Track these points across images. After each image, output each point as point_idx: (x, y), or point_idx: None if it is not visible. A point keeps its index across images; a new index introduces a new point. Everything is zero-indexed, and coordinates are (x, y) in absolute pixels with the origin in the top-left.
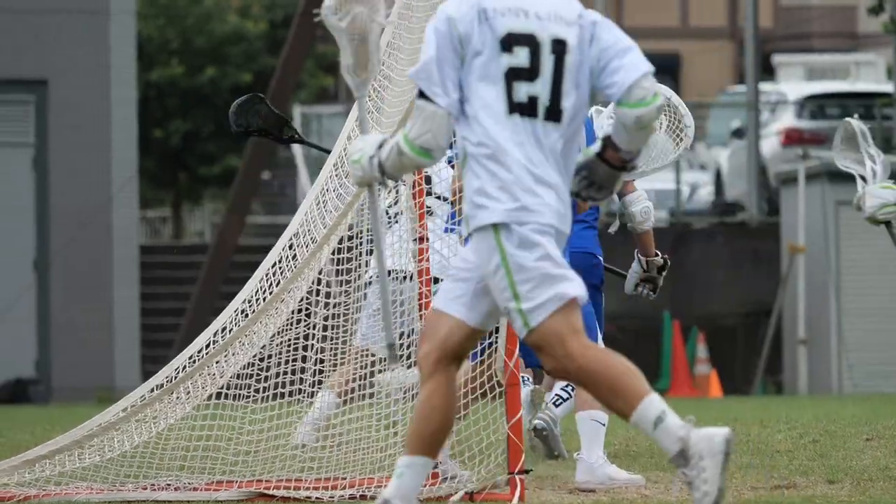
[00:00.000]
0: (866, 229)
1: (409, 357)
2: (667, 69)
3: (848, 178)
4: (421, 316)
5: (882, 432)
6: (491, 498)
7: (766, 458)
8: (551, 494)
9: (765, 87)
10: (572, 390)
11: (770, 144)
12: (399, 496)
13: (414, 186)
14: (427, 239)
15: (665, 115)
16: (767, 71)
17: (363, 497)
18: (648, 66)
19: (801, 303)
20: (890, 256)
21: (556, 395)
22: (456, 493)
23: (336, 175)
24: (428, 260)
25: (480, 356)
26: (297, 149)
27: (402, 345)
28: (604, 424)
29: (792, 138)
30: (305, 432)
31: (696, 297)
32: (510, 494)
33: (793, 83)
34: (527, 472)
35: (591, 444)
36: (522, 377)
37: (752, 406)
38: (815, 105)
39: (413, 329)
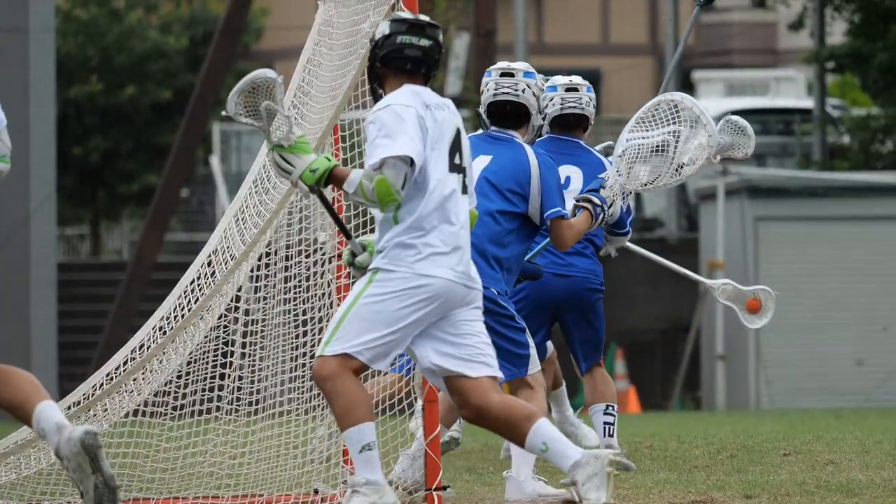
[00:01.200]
0: (784, 245)
1: None
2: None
3: (767, 194)
4: None
5: (799, 447)
6: None
7: (683, 474)
8: None
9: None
10: None
11: None
12: None
13: (333, 203)
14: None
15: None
16: (688, 87)
17: None
18: None
19: (719, 319)
20: (809, 272)
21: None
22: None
23: (255, 192)
24: (347, 276)
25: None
26: (215, 165)
27: None
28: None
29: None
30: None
31: (614, 313)
32: None
33: (713, 99)
34: (444, 488)
35: (521, 461)
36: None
37: (669, 422)
38: None
39: None
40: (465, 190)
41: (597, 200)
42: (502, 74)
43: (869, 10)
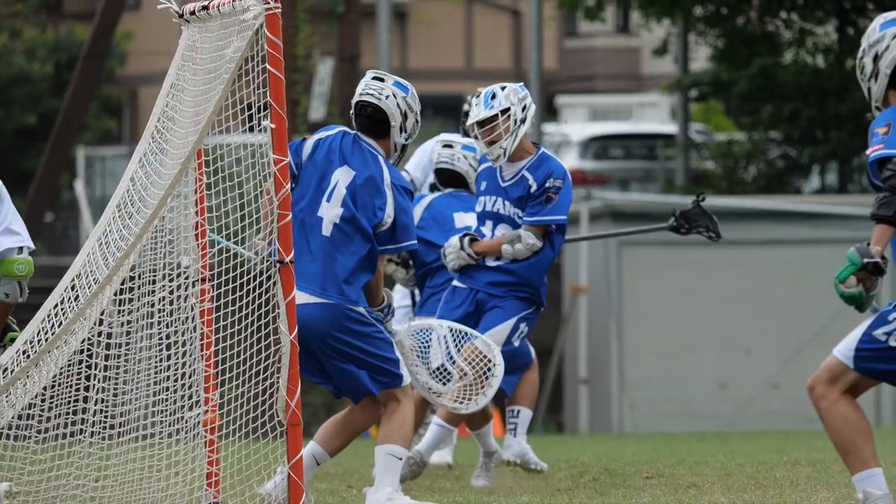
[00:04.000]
0: (648, 270)
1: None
2: (450, 111)
3: (630, 219)
4: (203, 356)
5: (661, 470)
6: None
7: (546, 497)
8: None
9: (548, 128)
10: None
11: None
12: None
13: (196, 227)
14: (208, 279)
15: None
16: (551, 112)
17: None
18: None
19: (582, 343)
20: (672, 296)
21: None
22: None
23: (119, 216)
24: (211, 300)
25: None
26: (79, 190)
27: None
28: (400, 458)
29: (575, 179)
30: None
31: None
32: None
33: (577, 124)
34: None
35: (383, 477)
36: None
37: (533, 445)
38: (599, 146)
39: (194, 369)
40: None
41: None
42: (373, 78)
43: (732, 37)
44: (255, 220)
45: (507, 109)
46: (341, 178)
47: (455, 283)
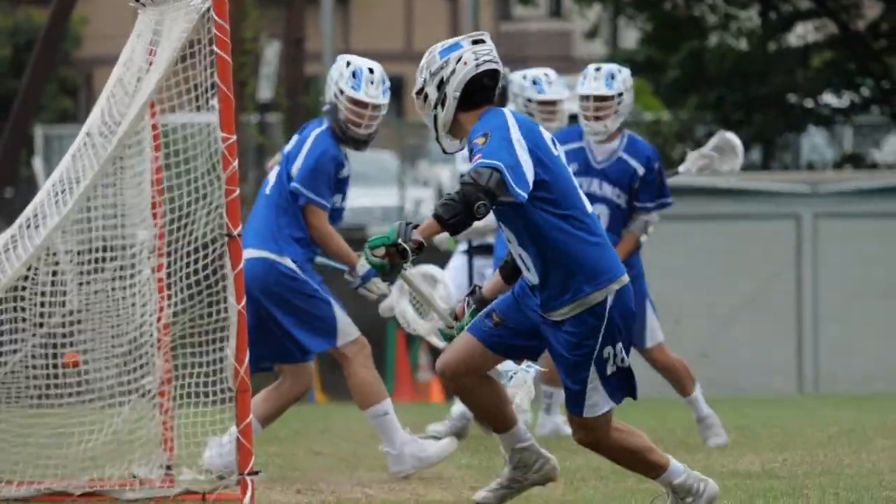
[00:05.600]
0: None
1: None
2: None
3: None
4: (158, 326)
5: None
6: (223, 498)
7: (485, 460)
8: (280, 495)
9: None
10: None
11: None
12: None
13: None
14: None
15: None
16: None
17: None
18: None
19: None
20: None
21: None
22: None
23: (54, 193)
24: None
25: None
26: (37, 167)
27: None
28: (387, 413)
29: None
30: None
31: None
32: (241, 495)
33: (511, 104)
34: (256, 473)
35: (387, 436)
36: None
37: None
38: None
39: (150, 338)
40: None
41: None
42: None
43: (660, 20)
44: (203, 196)
45: (621, 94)
46: None
47: None
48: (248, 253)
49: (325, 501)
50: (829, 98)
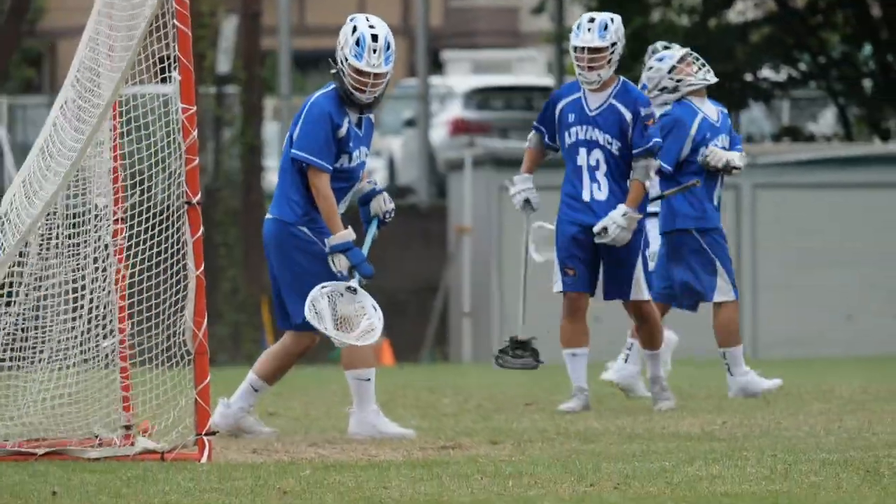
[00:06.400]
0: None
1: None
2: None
3: (510, 165)
4: (117, 290)
5: (540, 397)
6: (181, 457)
7: (434, 421)
8: (236, 454)
9: (434, 80)
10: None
11: (439, 133)
12: None
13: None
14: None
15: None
16: (437, 66)
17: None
18: None
19: (466, 279)
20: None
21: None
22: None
23: (41, 158)
24: (124, 238)
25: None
26: (2, 136)
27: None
28: (369, 379)
29: (459, 128)
30: None
31: None
32: (198, 454)
33: (460, 77)
34: (213, 433)
35: (360, 399)
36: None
37: (421, 374)
38: (481, 97)
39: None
40: None
41: None
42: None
43: None
44: (165, 166)
45: (615, 44)
46: None
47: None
48: (267, 215)
49: (280, 461)
50: (767, 73)
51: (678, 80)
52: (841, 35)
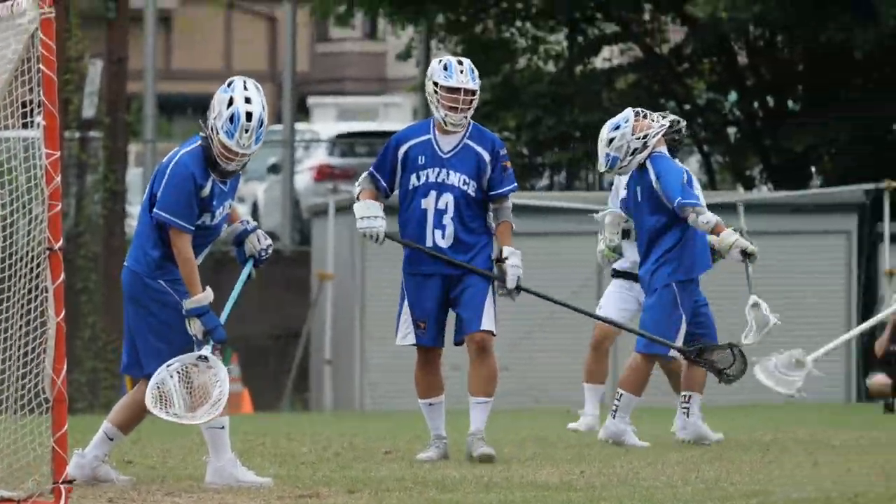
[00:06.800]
0: (390, 258)
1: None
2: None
3: None
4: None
5: (399, 446)
6: None
7: (292, 469)
8: (92, 502)
9: (300, 126)
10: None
11: (303, 179)
12: None
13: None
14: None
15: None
16: (303, 111)
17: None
18: None
19: (328, 326)
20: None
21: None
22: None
23: None
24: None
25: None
26: None
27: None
28: (223, 427)
29: (323, 174)
30: None
31: (230, 320)
32: (55, 502)
33: (326, 123)
34: (70, 482)
35: (215, 448)
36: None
37: (281, 422)
38: (346, 143)
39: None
40: None
41: None
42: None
43: (471, 43)
44: (26, 211)
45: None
46: None
47: None
48: (125, 263)
49: None
50: None
51: (643, 137)
52: (707, 82)
